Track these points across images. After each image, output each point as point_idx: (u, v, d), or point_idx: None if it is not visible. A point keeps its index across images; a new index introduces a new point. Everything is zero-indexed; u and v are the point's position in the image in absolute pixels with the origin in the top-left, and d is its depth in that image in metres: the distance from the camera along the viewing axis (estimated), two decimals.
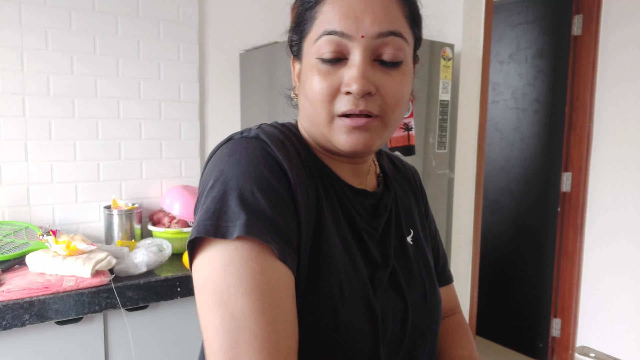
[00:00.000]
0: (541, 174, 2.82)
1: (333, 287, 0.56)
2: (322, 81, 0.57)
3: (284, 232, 0.52)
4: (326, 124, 0.59)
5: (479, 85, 2.09)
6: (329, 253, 0.57)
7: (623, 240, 2.44)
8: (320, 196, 0.60)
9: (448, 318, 0.83)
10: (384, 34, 0.56)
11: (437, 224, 1.97)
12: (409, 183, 0.80)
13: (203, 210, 0.52)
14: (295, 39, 0.63)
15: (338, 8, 0.56)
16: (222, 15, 2.05)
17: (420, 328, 0.66)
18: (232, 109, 2.11)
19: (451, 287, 0.85)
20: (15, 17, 1.63)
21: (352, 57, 0.57)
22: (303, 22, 0.61)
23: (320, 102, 0.58)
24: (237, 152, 0.56)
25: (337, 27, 0.56)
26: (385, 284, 0.64)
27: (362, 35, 0.56)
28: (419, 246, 0.73)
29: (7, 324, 1.20)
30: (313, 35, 0.58)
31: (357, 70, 0.55)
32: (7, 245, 1.47)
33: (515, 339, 2.99)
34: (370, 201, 0.68)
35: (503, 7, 2.95)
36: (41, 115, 1.69)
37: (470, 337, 0.80)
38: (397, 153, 1.72)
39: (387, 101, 0.58)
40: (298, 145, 0.62)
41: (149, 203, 1.92)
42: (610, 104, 2.48)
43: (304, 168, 0.60)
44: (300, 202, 0.55)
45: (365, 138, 0.58)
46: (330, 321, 0.55)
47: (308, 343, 0.54)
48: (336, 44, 0.56)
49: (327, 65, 0.57)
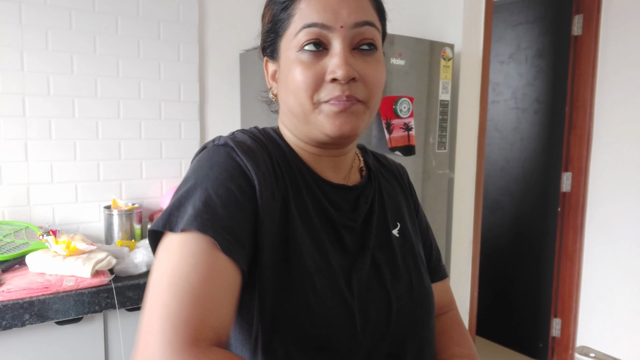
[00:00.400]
0: (541, 174, 2.82)
1: (304, 281, 0.59)
2: (306, 71, 0.60)
3: (232, 229, 0.54)
4: (311, 112, 0.62)
5: (479, 85, 2.09)
6: (297, 249, 0.60)
7: (623, 240, 2.44)
8: (289, 195, 0.63)
9: (444, 316, 0.83)
10: (360, 24, 0.60)
11: (437, 224, 1.98)
12: (396, 179, 0.81)
13: (166, 207, 0.57)
14: (271, 39, 0.67)
15: (315, 3, 0.60)
16: (222, 15, 2.05)
17: (408, 318, 0.67)
18: (232, 109, 2.11)
19: (446, 282, 0.86)
20: (15, 17, 1.63)
21: (333, 46, 0.60)
22: (279, 21, 0.64)
23: (304, 91, 0.61)
24: (203, 159, 0.61)
25: (316, 19, 0.59)
26: (367, 275, 0.65)
27: (341, 25, 0.60)
28: (405, 239, 0.74)
29: (7, 324, 1.21)
30: (292, 31, 0.62)
31: (341, 58, 0.59)
32: (7, 245, 1.47)
33: (515, 339, 2.99)
34: (352, 194, 0.70)
35: (503, 7, 2.95)
36: (41, 115, 1.69)
37: (467, 334, 0.81)
38: (397, 153, 1.72)
39: (369, 86, 0.62)
40: (272, 148, 0.66)
41: (149, 203, 1.92)
42: (610, 104, 2.48)
43: (273, 170, 0.63)
44: (261, 203, 0.58)
45: (351, 121, 0.61)
46: (304, 314, 0.57)
47: (287, 337, 0.57)
48: (317, 35, 0.60)
49: (309, 55, 0.60)
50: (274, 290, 0.58)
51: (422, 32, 2.10)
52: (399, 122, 1.72)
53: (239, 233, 0.55)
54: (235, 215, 0.56)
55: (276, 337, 0.57)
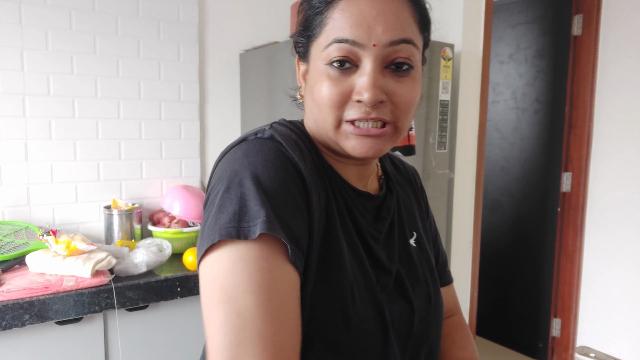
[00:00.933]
0: (541, 174, 2.82)
1: (344, 289, 0.56)
2: (332, 87, 0.57)
3: (295, 235, 0.52)
4: (333, 129, 0.59)
5: (479, 85, 2.09)
6: (338, 255, 0.57)
7: (623, 240, 2.44)
8: (330, 198, 0.60)
9: (448, 319, 0.83)
10: (395, 42, 0.56)
11: (437, 224, 1.97)
12: (410, 184, 0.80)
13: (224, 213, 0.51)
14: (302, 41, 0.62)
15: (349, 15, 0.55)
16: (222, 15, 2.05)
17: (423, 330, 0.66)
18: (232, 108, 2.11)
19: (451, 287, 0.86)
20: (15, 17, 1.63)
21: (363, 65, 0.56)
22: (311, 26, 0.60)
23: (329, 107, 0.58)
24: (252, 153, 0.55)
25: (348, 35, 0.55)
26: (391, 288, 0.64)
27: (374, 44, 0.55)
28: (421, 248, 0.73)
29: (7, 324, 1.20)
30: (322, 41, 0.58)
31: (369, 79, 0.55)
32: (7, 245, 1.47)
33: (515, 339, 2.99)
34: (373, 204, 0.68)
35: (503, 7, 2.95)
36: (41, 115, 1.69)
37: (471, 338, 0.80)
38: (397, 153, 1.73)
39: (399, 107, 0.58)
40: (309, 146, 0.63)
41: (149, 203, 1.92)
42: (610, 104, 2.48)
43: (316, 169, 0.60)
44: (313, 204, 0.56)
45: (376, 145, 0.59)
46: (340, 323, 0.55)
47: (319, 344, 0.55)
48: (347, 51, 0.56)
49: (337, 71, 0.57)
50: (313, 295, 0.55)
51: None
52: None
53: (301, 239, 0.53)
54: (298, 220, 0.53)
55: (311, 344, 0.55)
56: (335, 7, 0.56)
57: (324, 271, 0.56)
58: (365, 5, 0.55)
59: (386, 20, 0.55)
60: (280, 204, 0.51)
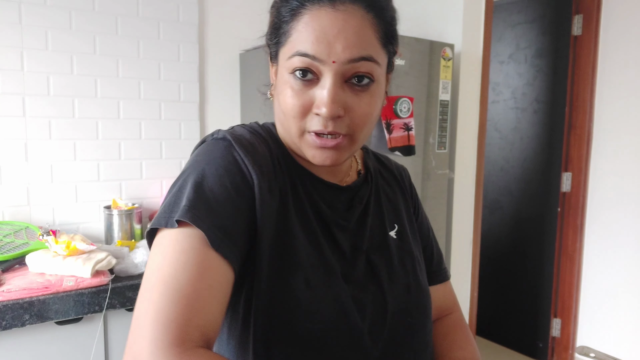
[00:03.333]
0: (541, 174, 2.82)
1: (297, 277, 0.59)
2: (294, 98, 0.59)
3: (223, 223, 0.55)
4: (297, 137, 0.62)
5: (479, 85, 2.09)
6: (292, 245, 0.60)
7: (623, 241, 2.44)
8: (287, 190, 0.63)
9: (446, 318, 0.82)
10: (354, 60, 0.58)
11: (437, 224, 1.98)
12: (396, 180, 0.81)
13: (162, 205, 0.58)
14: (272, 44, 0.65)
15: (311, 30, 0.57)
16: (222, 15, 2.05)
17: (404, 320, 0.67)
18: (232, 109, 2.11)
19: (448, 284, 0.85)
20: (15, 17, 1.63)
21: (323, 79, 0.58)
22: (279, 33, 0.62)
23: (292, 117, 0.60)
24: (202, 153, 0.61)
25: (309, 50, 0.57)
26: (362, 276, 0.65)
27: (334, 60, 0.57)
28: (403, 241, 0.74)
29: (7, 324, 1.20)
30: (287, 51, 0.60)
31: (327, 94, 0.57)
32: (7, 245, 1.47)
33: (515, 339, 2.99)
34: (345, 195, 0.70)
35: (503, 7, 2.95)
36: (41, 115, 1.69)
37: (471, 337, 0.80)
38: (397, 153, 1.72)
39: (356, 121, 0.60)
40: (271, 144, 0.66)
41: (149, 203, 1.92)
42: (610, 104, 2.48)
43: (272, 166, 0.63)
44: (259, 198, 0.58)
45: (333, 155, 0.61)
46: (297, 310, 0.57)
47: (280, 334, 0.57)
48: (308, 64, 0.58)
49: (299, 82, 0.59)
50: (268, 286, 0.58)
51: (422, 32, 2.10)
52: (399, 122, 1.72)
53: (232, 230, 0.55)
54: (230, 213, 0.56)
55: (269, 334, 0.57)
56: (300, 19, 0.58)
57: (278, 259, 0.59)
58: (328, 21, 0.57)
59: (346, 38, 0.57)
60: (209, 196, 0.55)
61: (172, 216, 0.54)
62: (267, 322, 0.57)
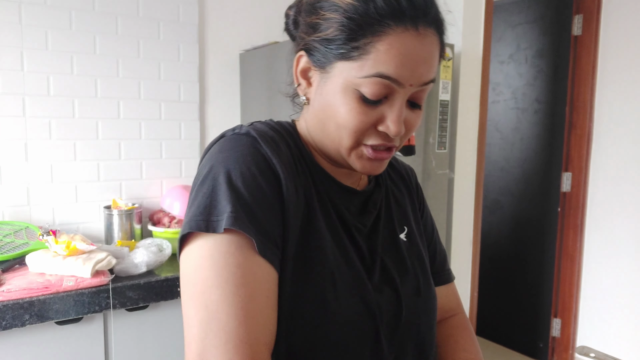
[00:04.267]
0: (541, 174, 2.82)
1: (324, 277, 0.58)
2: (362, 116, 0.58)
3: (265, 228, 0.54)
4: (349, 149, 0.61)
5: (479, 85, 2.09)
6: (319, 245, 0.59)
7: (623, 240, 2.44)
8: (311, 191, 0.62)
9: (450, 319, 0.82)
10: (426, 83, 0.59)
11: (437, 224, 1.97)
12: (404, 181, 0.81)
13: (195, 206, 0.54)
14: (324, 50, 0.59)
15: (396, 52, 0.55)
16: (222, 15, 2.04)
17: (412, 322, 0.67)
18: (232, 109, 2.11)
19: (452, 286, 0.85)
20: (15, 17, 1.63)
21: (394, 100, 0.58)
22: (345, 45, 0.57)
23: (352, 131, 0.59)
24: (226, 149, 0.58)
25: (392, 73, 0.56)
26: (378, 278, 0.65)
27: (411, 84, 0.57)
28: (412, 243, 0.74)
29: (7, 324, 1.20)
30: (361, 69, 0.56)
31: (397, 116, 0.58)
32: (7, 245, 1.47)
33: (515, 339, 2.99)
34: (360, 199, 0.70)
35: (503, 7, 2.95)
36: (41, 115, 1.69)
37: (474, 339, 0.80)
38: (397, 153, 1.72)
39: (408, 133, 0.63)
40: (291, 143, 0.64)
41: (149, 203, 1.92)
42: (610, 104, 2.48)
43: (295, 164, 0.62)
44: (287, 197, 0.57)
45: (382, 165, 0.63)
46: (322, 311, 0.57)
47: (303, 336, 0.56)
48: (387, 88, 0.57)
49: (369, 103, 0.58)
50: (292, 285, 0.57)
51: None
52: None
53: (273, 233, 0.55)
54: (268, 214, 0.55)
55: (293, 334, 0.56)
56: (384, 39, 0.55)
57: (303, 262, 0.58)
58: (412, 45, 0.56)
59: (426, 63, 0.57)
60: (248, 199, 0.54)
61: (213, 219, 0.52)
62: (289, 323, 0.56)
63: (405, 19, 0.55)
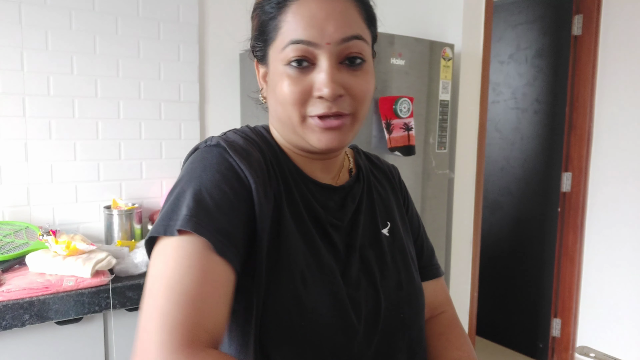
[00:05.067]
0: (541, 174, 2.82)
1: (294, 275, 0.60)
2: (293, 86, 0.61)
3: (225, 229, 0.55)
4: (299, 124, 0.63)
5: (479, 85, 2.09)
6: (288, 245, 0.61)
7: (623, 240, 2.44)
8: (281, 194, 0.64)
9: (440, 316, 0.82)
10: (347, 39, 0.60)
11: (437, 224, 1.98)
12: (387, 178, 0.82)
13: (161, 212, 0.58)
14: (259, 45, 0.66)
15: (301, 17, 0.59)
16: (222, 15, 2.05)
17: (396, 316, 0.67)
18: (232, 109, 2.11)
19: (440, 280, 0.85)
20: (15, 17, 1.63)
21: (319, 63, 0.60)
22: (267, 30, 0.63)
23: (292, 105, 0.61)
24: (196, 160, 0.61)
25: (302, 36, 0.59)
26: (356, 273, 0.66)
27: (327, 42, 0.59)
28: (395, 237, 0.75)
29: (7, 324, 1.21)
30: (279, 44, 0.61)
31: (327, 75, 0.59)
32: (7, 245, 1.47)
33: (515, 339, 2.99)
34: (339, 194, 0.71)
35: (503, 7, 2.95)
36: (41, 115, 1.69)
37: (466, 337, 0.80)
38: (397, 153, 1.72)
39: (357, 99, 0.62)
40: (264, 147, 0.67)
41: (149, 203, 1.92)
42: (610, 104, 2.48)
43: (267, 169, 0.64)
44: (257, 201, 0.59)
45: (338, 136, 0.63)
46: (293, 308, 0.58)
47: (277, 332, 0.58)
48: (303, 51, 0.60)
49: (296, 70, 0.61)
50: (266, 287, 0.59)
51: (422, 32, 2.10)
52: (399, 122, 1.72)
53: (233, 234, 0.56)
54: (229, 217, 0.56)
55: (269, 333, 0.58)
56: (287, 10, 0.60)
57: (274, 261, 0.60)
58: (315, 7, 0.59)
59: (336, 20, 0.60)
60: (209, 203, 0.56)
61: (171, 224, 0.54)
62: (266, 322, 0.58)
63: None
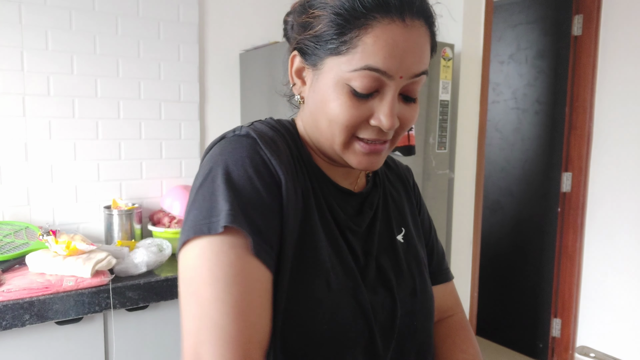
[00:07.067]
0: (541, 174, 2.82)
1: (319, 277, 0.59)
2: (353, 110, 0.58)
3: (260, 229, 0.54)
4: (342, 144, 0.61)
5: (479, 85, 2.09)
6: (314, 245, 0.60)
7: (623, 240, 2.44)
8: (309, 192, 0.63)
9: (449, 319, 0.82)
10: (417, 75, 0.59)
11: (437, 224, 1.98)
12: (402, 181, 0.81)
13: (196, 209, 0.55)
14: (315, 46, 0.60)
15: (383, 44, 0.56)
16: (222, 15, 2.05)
17: (408, 323, 0.67)
18: (232, 109, 2.11)
19: (450, 284, 0.85)
20: (15, 17, 1.63)
21: (385, 93, 0.58)
22: (333, 40, 0.58)
23: (344, 126, 0.59)
24: (226, 151, 0.58)
25: (380, 65, 0.56)
26: (373, 279, 0.66)
27: (401, 76, 0.57)
28: (410, 244, 0.74)
29: (7, 324, 1.20)
30: (349, 61, 0.57)
31: (389, 109, 0.58)
32: (7, 245, 1.47)
33: (515, 339, 2.99)
34: (357, 200, 0.70)
35: (503, 7, 2.95)
36: (41, 115, 1.69)
37: (473, 340, 0.79)
38: (397, 153, 1.72)
39: (404, 128, 0.62)
40: (291, 143, 0.65)
41: (149, 203, 1.92)
42: (610, 104, 2.48)
43: (294, 165, 0.62)
44: (286, 198, 0.58)
45: (378, 159, 0.63)
46: (316, 311, 0.57)
47: (297, 335, 0.57)
48: (376, 80, 0.57)
49: (360, 96, 0.58)
50: (290, 287, 0.57)
51: None
52: None
53: (268, 234, 0.55)
54: (264, 216, 0.55)
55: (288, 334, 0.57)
56: (369, 31, 0.56)
57: (300, 261, 0.59)
58: (400, 36, 0.56)
59: (414, 53, 0.57)
60: (246, 201, 0.54)
61: (214, 221, 0.52)
62: (288, 322, 0.57)
63: (390, 10, 0.55)
